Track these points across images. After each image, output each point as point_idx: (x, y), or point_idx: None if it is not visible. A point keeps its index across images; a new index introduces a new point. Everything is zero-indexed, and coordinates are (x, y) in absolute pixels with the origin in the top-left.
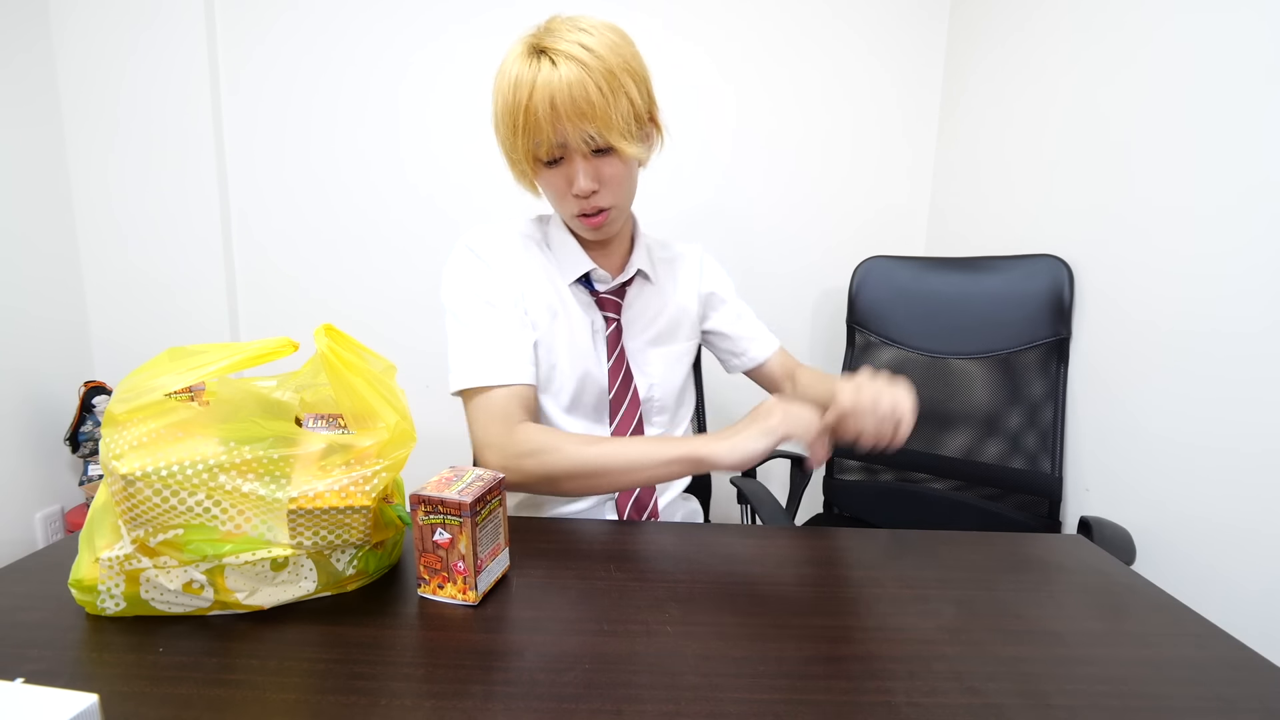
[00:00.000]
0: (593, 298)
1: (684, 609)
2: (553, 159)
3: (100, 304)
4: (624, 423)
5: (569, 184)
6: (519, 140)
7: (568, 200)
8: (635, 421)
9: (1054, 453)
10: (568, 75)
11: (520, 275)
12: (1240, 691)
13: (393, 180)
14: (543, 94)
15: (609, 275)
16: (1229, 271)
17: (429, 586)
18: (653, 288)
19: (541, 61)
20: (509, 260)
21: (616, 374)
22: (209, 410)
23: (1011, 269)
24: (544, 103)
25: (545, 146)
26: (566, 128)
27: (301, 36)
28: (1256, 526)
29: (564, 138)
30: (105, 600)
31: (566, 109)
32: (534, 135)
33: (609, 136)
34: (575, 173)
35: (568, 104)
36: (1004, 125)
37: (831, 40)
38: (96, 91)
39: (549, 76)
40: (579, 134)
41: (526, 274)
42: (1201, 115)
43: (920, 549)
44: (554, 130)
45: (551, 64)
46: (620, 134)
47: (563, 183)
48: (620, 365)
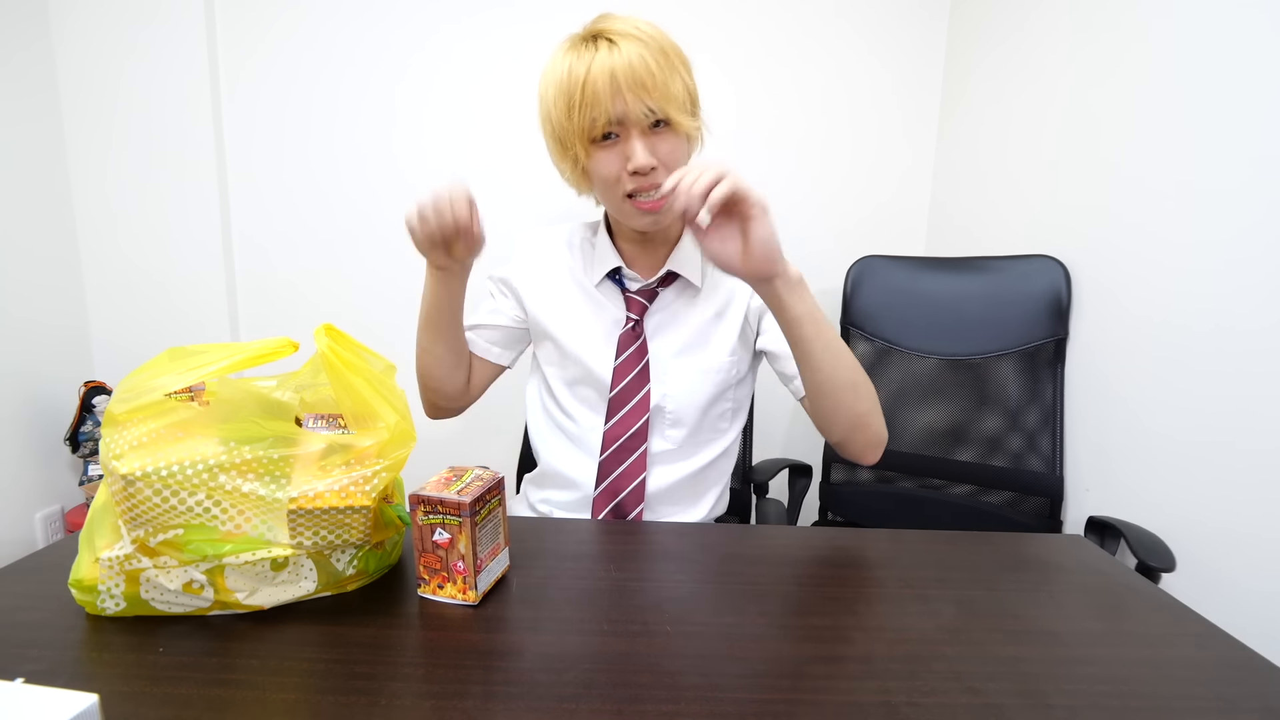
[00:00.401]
0: (623, 296)
1: (684, 609)
2: (607, 134)
3: (100, 304)
4: (622, 424)
5: (623, 162)
6: (574, 118)
7: (621, 181)
8: (638, 426)
9: (1054, 453)
10: (627, 51)
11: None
12: (1240, 691)
13: (392, 180)
14: (601, 68)
15: (640, 276)
16: (1226, 271)
17: (429, 586)
18: (694, 293)
19: (598, 44)
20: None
21: (624, 374)
22: (209, 410)
23: (1008, 269)
24: (603, 76)
25: (601, 122)
26: (626, 99)
27: (301, 36)
28: (1257, 526)
29: (622, 111)
30: (105, 600)
31: (626, 80)
32: (590, 111)
33: (667, 109)
34: (633, 148)
35: (627, 75)
36: (1004, 126)
37: (832, 41)
38: (96, 92)
39: (607, 54)
40: (639, 106)
41: (548, 270)
42: (1199, 116)
43: (920, 549)
44: (612, 103)
45: (610, 44)
46: (678, 107)
47: (617, 161)
48: (632, 366)
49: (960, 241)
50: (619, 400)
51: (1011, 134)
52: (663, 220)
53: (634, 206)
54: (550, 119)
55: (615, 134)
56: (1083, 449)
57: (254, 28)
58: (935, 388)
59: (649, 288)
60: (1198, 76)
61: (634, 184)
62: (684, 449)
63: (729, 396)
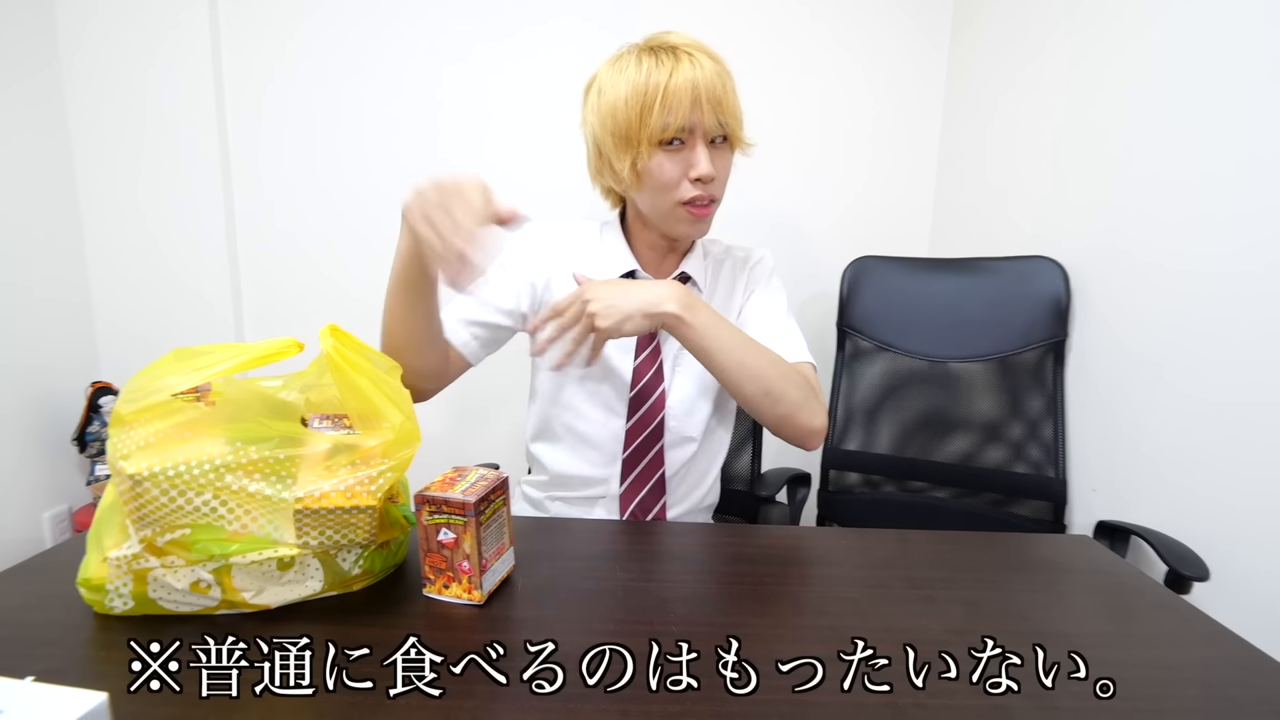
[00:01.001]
0: None
1: (689, 608)
2: (673, 139)
3: (106, 305)
4: (642, 422)
5: (686, 169)
6: (650, 119)
7: (680, 186)
8: (656, 422)
9: (1056, 456)
10: (708, 68)
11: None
12: (1248, 693)
13: (397, 181)
14: (685, 78)
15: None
16: (1227, 272)
17: (434, 586)
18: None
19: (677, 56)
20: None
21: (644, 373)
22: (215, 410)
23: (1006, 271)
24: (686, 85)
25: (674, 128)
26: (705, 111)
27: (306, 38)
28: (1261, 526)
29: (696, 121)
30: (113, 599)
31: (709, 95)
32: (667, 115)
33: (736, 128)
34: (699, 157)
35: (709, 91)
36: (1005, 127)
37: (834, 42)
38: (101, 94)
39: (690, 67)
40: (714, 120)
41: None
42: (1200, 117)
43: (926, 549)
44: (690, 112)
45: (689, 57)
46: (739, 125)
47: (679, 168)
48: (650, 365)
49: (964, 243)
50: (639, 398)
51: (1012, 135)
52: (705, 228)
53: (687, 211)
54: (616, 117)
55: (680, 140)
56: (1085, 452)
57: (258, 29)
58: (933, 391)
59: None
60: (1199, 78)
61: (694, 191)
62: (689, 436)
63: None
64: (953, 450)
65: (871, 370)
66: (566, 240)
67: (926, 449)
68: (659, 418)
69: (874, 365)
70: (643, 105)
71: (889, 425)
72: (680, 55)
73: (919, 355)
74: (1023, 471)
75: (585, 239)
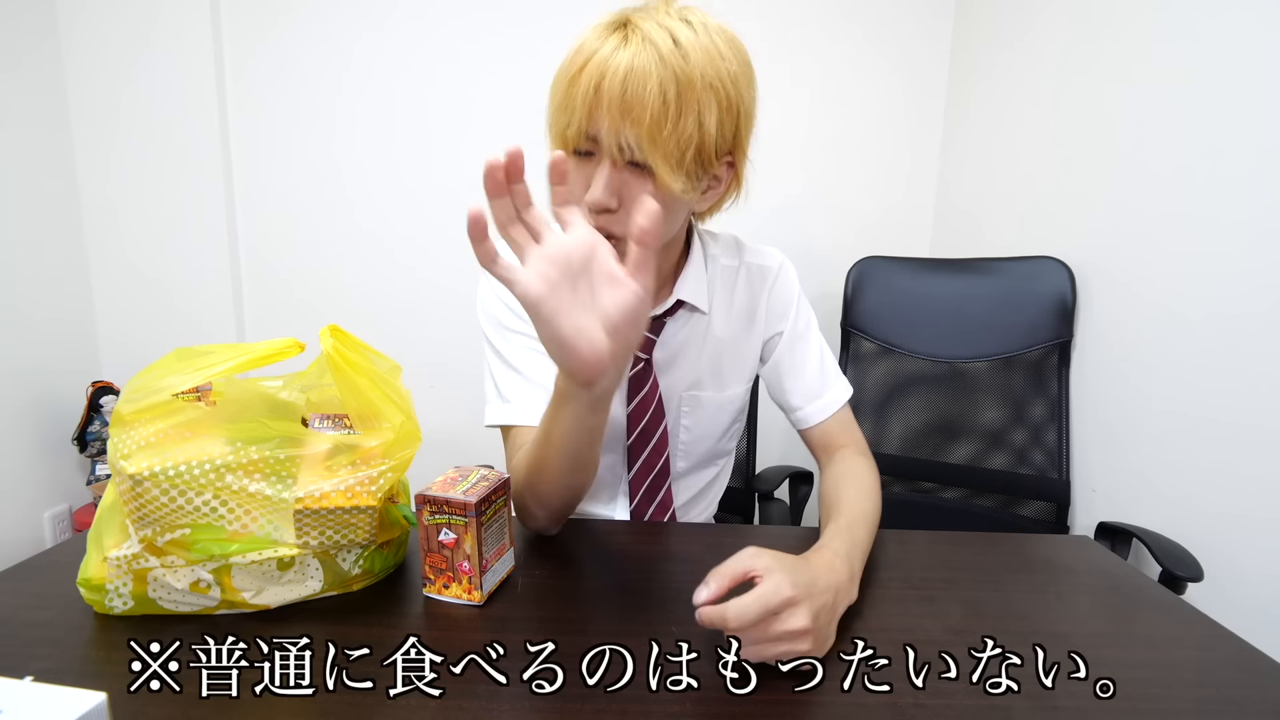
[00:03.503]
0: None
1: (688, 609)
2: (579, 150)
3: (107, 305)
4: (645, 467)
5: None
6: (555, 115)
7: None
8: (661, 464)
9: (1060, 457)
10: (632, 60)
11: None
12: (1248, 694)
13: (397, 181)
14: (594, 70)
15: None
16: (1233, 272)
17: (434, 586)
18: (703, 320)
19: (615, 36)
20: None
21: (640, 418)
22: (216, 410)
23: (1011, 271)
24: (590, 80)
25: (573, 133)
26: (602, 119)
27: (306, 38)
28: (1263, 527)
29: (597, 130)
30: (113, 599)
31: (611, 97)
32: (568, 113)
33: (648, 152)
34: (596, 177)
35: (615, 92)
36: (1008, 127)
37: (837, 42)
38: (103, 94)
39: (611, 53)
40: (614, 133)
41: None
42: (1205, 117)
43: (926, 549)
44: (588, 117)
45: (623, 41)
46: (666, 156)
47: (582, 184)
48: (646, 409)
49: (965, 243)
50: (638, 445)
51: (1016, 135)
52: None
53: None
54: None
55: (590, 151)
56: (1088, 453)
57: (260, 30)
58: (938, 392)
59: (655, 318)
60: (1204, 78)
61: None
62: (695, 468)
63: (740, 418)
64: (956, 451)
65: (876, 370)
66: None
67: (931, 449)
68: (664, 456)
69: (879, 366)
70: (553, 97)
71: (894, 425)
72: (630, 35)
73: (924, 356)
74: (1026, 473)
75: None
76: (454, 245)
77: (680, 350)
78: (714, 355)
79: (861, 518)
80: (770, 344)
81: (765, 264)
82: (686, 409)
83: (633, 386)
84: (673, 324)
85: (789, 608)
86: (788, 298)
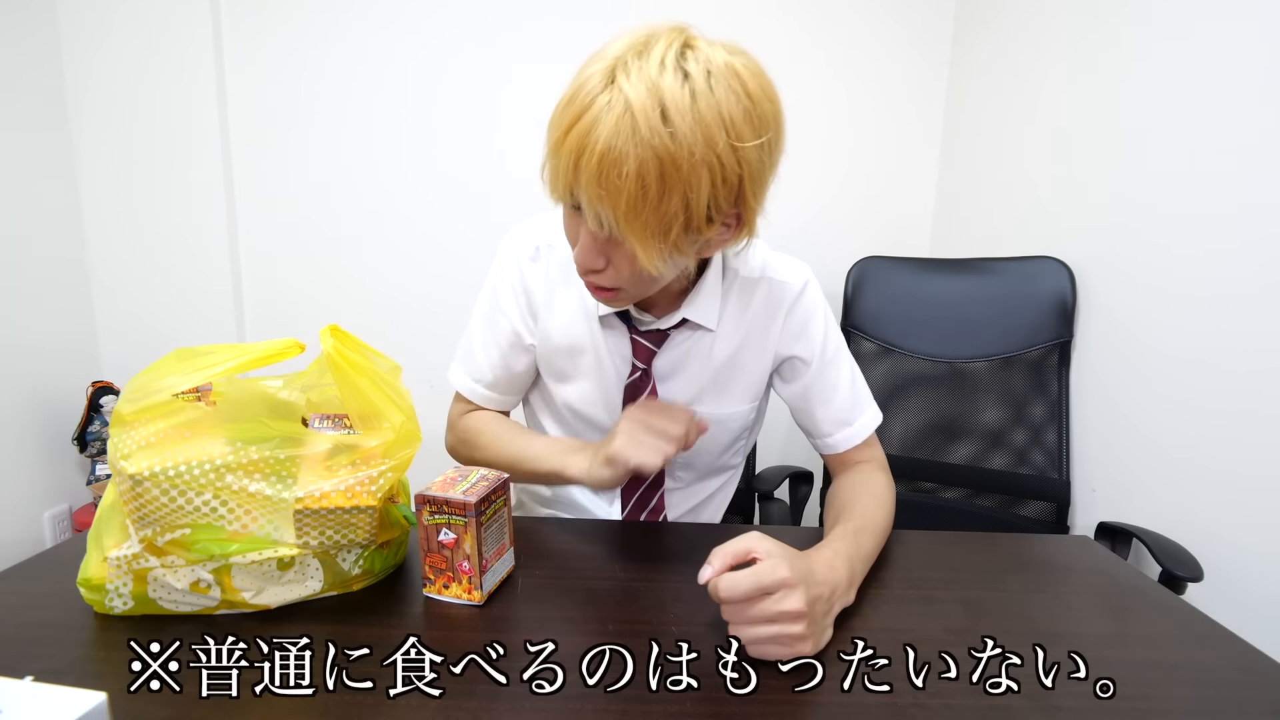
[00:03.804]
0: (629, 335)
1: (689, 609)
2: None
3: (107, 305)
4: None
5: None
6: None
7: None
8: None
9: (1060, 457)
10: (611, 139)
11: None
12: (1247, 694)
13: (398, 181)
14: (574, 143)
15: (652, 316)
16: (1232, 274)
17: (434, 586)
18: (708, 334)
19: (608, 91)
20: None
21: None
22: (216, 410)
23: (1012, 271)
24: (570, 153)
25: (562, 190)
26: (582, 194)
27: (307, 38)
28: (1263, 527)
29: (579, 201)
30: (113, 599)
31: (588, 175)
32: (554, 173)
33: (625, 231)
34: (581, 238)
35: (591, 170)
36: (1009, 126)
37: (837, 42)
38: (103, 94)
39: (593, 122)
40: (592, 208)
41: (556, 300)
42: (1208, 117)
43: (926, 549)
44: (570, 187)
45: (607, 103)
46: (645, 237)
47: (572, 233)
48: None
49: (965, 243)
50: None
51: (1016, 136)
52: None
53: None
54: None
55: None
56: (1088, 453)
57: (260, 30)
58: (938, 392)
59: (659, 330)
60: (1204, 77)
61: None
62: (698, 480)
63: (744, 436)
64: (956, 451)
65: (876, 371)
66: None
67: (931, 449)
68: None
69: (879, 366)
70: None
71: (894, 425)
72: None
73: (924, 355)
74: (1026, 473)
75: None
76: (455, 245)
77: (681, 363)
78: (717, 371)
79: (870, 527)
80: (788, 367)
81: (787, 281)
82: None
83: (629, 395)
84: (677, 336)
85: (784, 589)
86: (810, 320)
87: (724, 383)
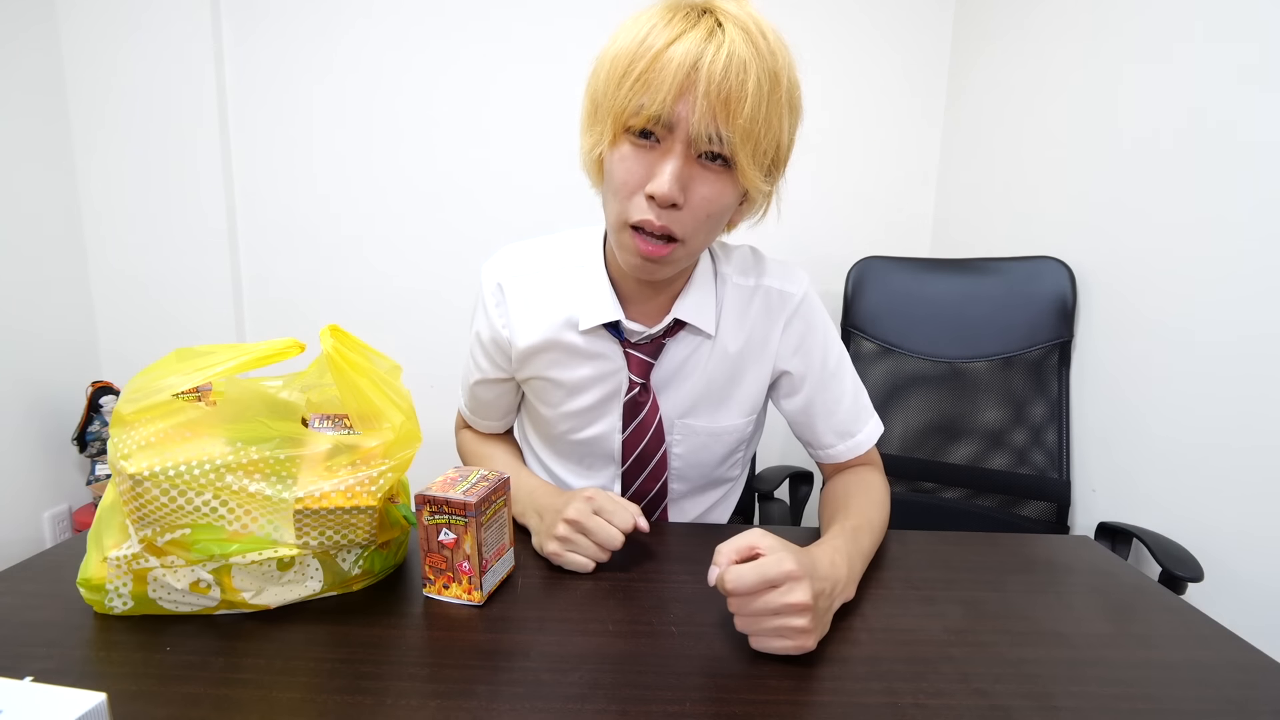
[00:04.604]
0: (622, 348)
1: (689, 609)
2: (646, 131)
3: (107, 305)
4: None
5: (646, 176)
6: (621, 90)
7: (635, 199)
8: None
9: (1061, 457)
10: (734, 49)
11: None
12: (1249, 694)
13: (397, 181)
14: (689, 51)
15: (641, 322)
16: (1232, 274)
17: (434, 586)
18: (706, 341)
19: (705, 21)
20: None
21: (636, 444)
22: (216, 410)
23: (1012, 271)
24: (685, 60)
25: (647, 114)
26: (696, 107)
27: (307, 39)
28: (1264, 527)
29: (681, 116)
30: (113, 599)
31: (709, 84)
32: (645, 91)
33: (739, 147)
34: (664, 167)
35: (713, 80)
36: (1009, 126)
37: (837, 41)
38: (103, 94)
39: (704, 39)
40: (706, 124)
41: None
42: (1207, 118)
43: (926, 550)
44: (676, 99)
45: (718, 26)
46: (755, 153)
47: (640, 171)
48: (643, 434)
49: (965, 243)
50: (634, 470)
51: (1016, 135)
52: (659, 273)
53: (631, 238)
54: (599, 75)
55: (656, 136)
56: (1089, 453)
57: (260, 30)
58: (938, 391)
59: (653, 338)
60: (1205, 76)
61: (643, 213)
62: (693, 493)
63: (742, 448)
64: (956, 451)
65: (876, 371)
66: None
67: (931, 450)
68: (662, 479)
69: (879, 366)
70: (624, 71)
71: (894, 425)
72: (711, 21)
73: (924, 356)
74: (1026, 473)
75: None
76: (455, 245)
77: (679, 371)
78: (713, 382)
79: (868, 525)
80: (786, 380)
81: (786, 290)
82: (679, 436)
83: (628, 412)
84: (674, 344)
85: (790, 581)
86: (810, 333)
87: (718, 395)
